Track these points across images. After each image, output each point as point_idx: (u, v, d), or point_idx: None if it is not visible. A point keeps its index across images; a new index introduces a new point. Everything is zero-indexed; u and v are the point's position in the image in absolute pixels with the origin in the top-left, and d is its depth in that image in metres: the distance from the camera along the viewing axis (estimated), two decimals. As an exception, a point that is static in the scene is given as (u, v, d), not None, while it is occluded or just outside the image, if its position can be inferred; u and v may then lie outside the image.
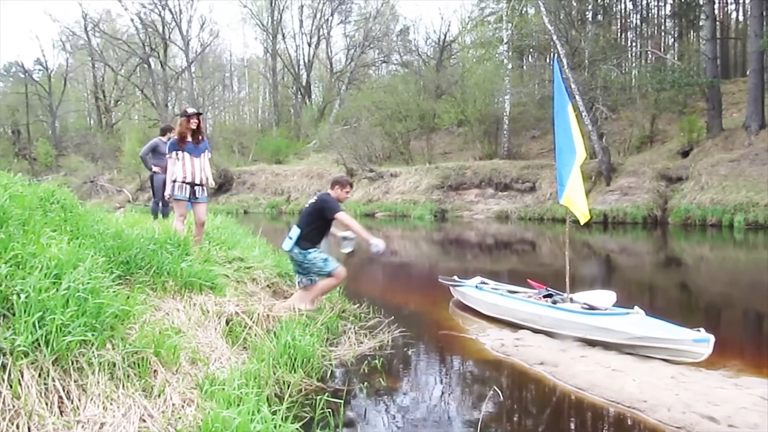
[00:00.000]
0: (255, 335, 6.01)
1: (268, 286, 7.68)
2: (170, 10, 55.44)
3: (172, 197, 8.00)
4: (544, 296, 8.12)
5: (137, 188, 44.25)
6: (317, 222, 7.47)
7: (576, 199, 7.45)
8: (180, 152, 7.88)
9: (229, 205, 39.64)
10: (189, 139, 7.93)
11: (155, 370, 4.34)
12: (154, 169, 11.89)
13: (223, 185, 44.10)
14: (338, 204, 7.46)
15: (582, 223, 7.71)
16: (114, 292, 4.68)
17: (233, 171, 44.95)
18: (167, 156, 8.00)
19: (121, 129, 60.24)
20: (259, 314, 6.37)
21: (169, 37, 57.46)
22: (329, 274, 7.45)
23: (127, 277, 5.67)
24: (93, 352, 3.98)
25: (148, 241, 6.34)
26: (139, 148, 13.42)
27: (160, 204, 11.92)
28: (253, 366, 5.03)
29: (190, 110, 7.94)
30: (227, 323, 6.01)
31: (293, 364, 5.46)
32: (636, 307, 6.95)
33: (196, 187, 7.96)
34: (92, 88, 63.41)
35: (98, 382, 3.86)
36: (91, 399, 3.74)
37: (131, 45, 56.70)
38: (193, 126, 7.93)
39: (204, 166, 8.11)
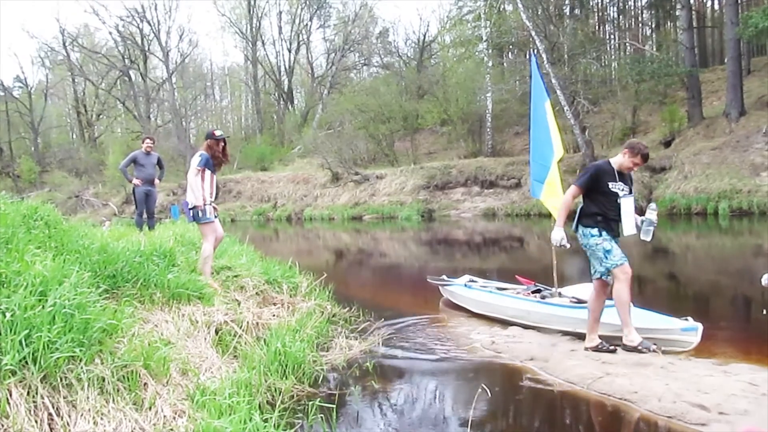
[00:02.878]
0: (245, 343, 6.00)
1: (256, 293, 7.65)
2: (148, 22, 55.33)
3: (202, 220, 7.44)
4: (533, 292, 8.15)
5: (123, 201, 44.03)
6: (589, 193, 6.30)
7: (553, 199, 7.53)
8: (209, 171, 7.58)
9: (216, 214, 39.48)
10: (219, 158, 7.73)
11: (145, 383, 4.32)
12: (135, 181, 11.83)
13: (209, 194, 43.90)
14: (586, 171, 6.38)
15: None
16: (101, 306, 4.66)
17: (218, 180, 44.64)
18: (197, 168, 7.44)
19: (104, 142, 59.98)
20: (248, 322, 6.36)
21: (149, 49, 57.30)
22: (608, 272, 6.16)
23: (114, 291, 5.63)
24: (81, 368, 3.96)
25: (134, 253, 6.31)
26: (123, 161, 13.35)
27: (144, 216, 11.88)
28: (244, 374, 5.02)
29: (218, 133, 7.72)
30: (216, 332, 5.99)
31: (284, 371, 5.45)
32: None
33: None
34: (73, 102, 63.04)
35: (88, 398, 3.84)
36: (81, 415, 3.73)
37: (111, 58, 56.49)
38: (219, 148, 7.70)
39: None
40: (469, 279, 9.44)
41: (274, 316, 7.08)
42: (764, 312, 4.35)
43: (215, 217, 7.58)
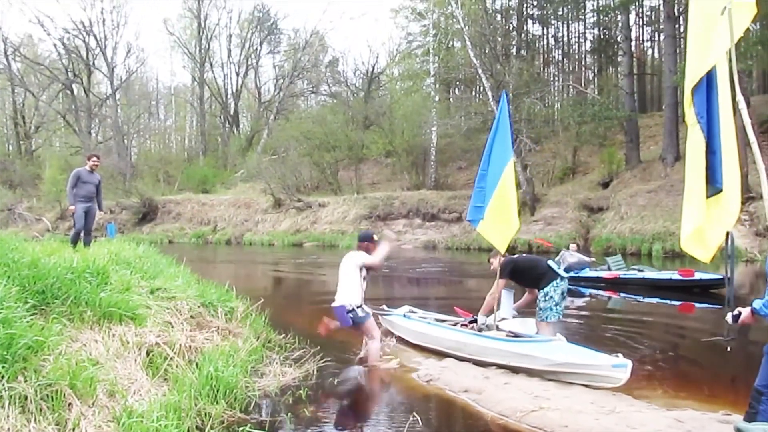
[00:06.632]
0: (176, 366, 5.87)
1: (191, 317, 7.51)
2: (95, 36, 54.46)
3: (363, 320, 7.28)
4: (470, 322, 8.21)
5: (57, 217, 42.87)
6: None
7: (495, 229, 7.60)
8: (365, 271, 7.49)
9: (153, 234, 38.84)
10: None
11: (70, 403, 4.20)
12: (71, 208, 11.42)
13: (148, 214, 43.25)
14: None
15: (503, 252, 7.82)
16: (28, 322, 4.52)
17: (158, 200, 44.13)
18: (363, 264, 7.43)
19: (42, 156, 58.49)
20: (181, 345, 6.22)
21: (94, 64, 56.29)
22: None
23: (43, 308, 5.46)
24: (3, 385, 3.83)
25: (65, 270, 6.14)
26: (60, 176, 12.84)
27: (81, 234, 11.55)
28: (174, 398, 4.92)
29: (376, 237, 7.66)
30: (148, 354, 5.85)
31: (215, 396, 5.35)
32: (558, 334, 7.08)
33: None
34: (11, 113, 61.25)
35: (8, 416, 3.71)
36: (0, 434, 3.60)
37: (53, 70, 55.24)
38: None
39: None
40: (408, 309, 9.45)
41: (207, 339, 6.96)
42: (726, 339, 4.46)
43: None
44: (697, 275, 13.87)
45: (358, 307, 7.16)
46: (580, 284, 15.48)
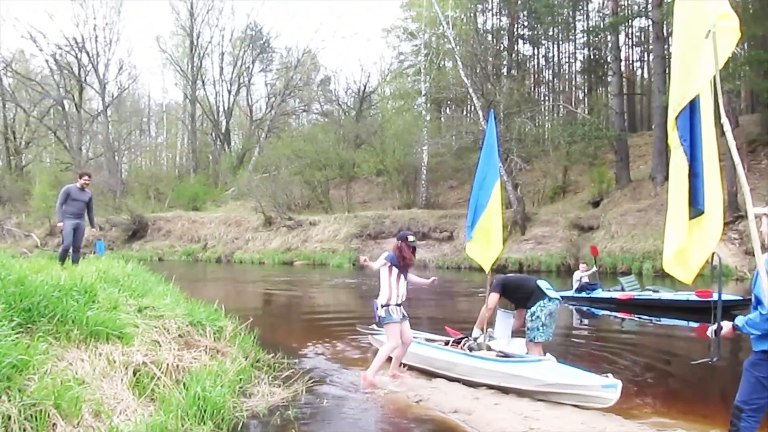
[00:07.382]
0: (163, 386, 5.80)
1: (179, 336, 7.45)
2: (87, 53, 54.44)
3: (385, 320, 7.38)
4: (457, 341, 8.19)
5: (46, 233, 42.63)
6: None
7: (481, 248, 7.75)
8: (397, 270, 7.50)
9: (143, 252, 38.67)
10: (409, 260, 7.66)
11: (54, 424, 4.14)
12: (59, 224, 11.35)
13: (138, 232, 43.08)
14: None
15: (487, 271, 7.94)
16: (13, 340, 4.47)
17: (148, 217, 43.98)
18: (384, 261, 7.52)
19: (32, 172, 58.27)
20: (168, 364, 6.16)
21: (85, 80, 56.26)
22: None
23: (29, 326, 5.40)
24: (-14, 405, 3.77)
25: (52, 287, 6.08)
26: (50, 192, 12.70)
27: (70, 250, 11.47)
28: (160, 418, 4.86)
29: (411, 238, 7.69)
30: (135, 374, 5.78)
31: (203, 416, 5.28)
32: (548, 354, 7.06)
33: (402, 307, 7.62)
34: (2, 128, 60.98)
35: (-9, 437, 3.65)
36: (-18, 455, 3.54)
37: (45, 86, 55.11)
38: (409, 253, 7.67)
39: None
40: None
41: (195, 359, 6.89)
42: (712, 360, 4.46)
43: (401, 318, 7.46)
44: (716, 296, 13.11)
45: (382, 307, 7.35)
46: (593, 305, 15.43)
